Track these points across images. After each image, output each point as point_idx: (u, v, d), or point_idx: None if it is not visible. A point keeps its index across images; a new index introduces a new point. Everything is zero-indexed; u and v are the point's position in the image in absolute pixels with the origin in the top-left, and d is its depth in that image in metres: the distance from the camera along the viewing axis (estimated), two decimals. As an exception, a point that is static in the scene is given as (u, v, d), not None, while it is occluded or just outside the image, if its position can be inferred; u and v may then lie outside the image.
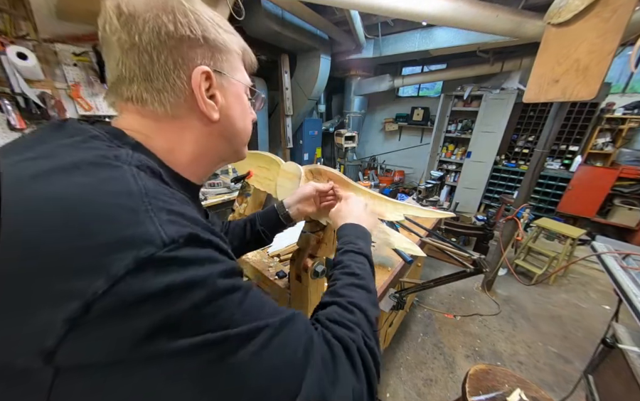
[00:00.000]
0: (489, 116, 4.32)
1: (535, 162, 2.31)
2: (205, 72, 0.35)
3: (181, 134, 0.37)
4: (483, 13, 2.41)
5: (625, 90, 3.85)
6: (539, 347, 2.13)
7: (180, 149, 0.37)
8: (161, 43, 0.32)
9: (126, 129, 0.34)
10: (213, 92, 0.37)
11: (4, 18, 1.78)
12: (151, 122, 0.35)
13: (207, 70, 0.35)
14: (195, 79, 0.34)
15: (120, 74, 0.33)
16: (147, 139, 0.35)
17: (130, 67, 0.33)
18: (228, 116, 0.40)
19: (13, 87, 1.75)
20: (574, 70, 1.68)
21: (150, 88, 0.33)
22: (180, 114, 0.36)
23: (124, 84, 0.34)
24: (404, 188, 5.64)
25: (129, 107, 0.35)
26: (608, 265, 1.27)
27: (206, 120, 0.37)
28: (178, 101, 0.35)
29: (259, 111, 0.52)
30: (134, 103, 0.34)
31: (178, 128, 0.36)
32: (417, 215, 0.78)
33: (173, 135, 0.36)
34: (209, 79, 0.36)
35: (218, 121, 0.38)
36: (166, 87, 0.34)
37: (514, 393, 0.99)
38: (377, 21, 3.82)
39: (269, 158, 1.02)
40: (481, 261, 1.13)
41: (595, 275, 3.10)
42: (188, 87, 0.34)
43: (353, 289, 0.45)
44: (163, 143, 0.36)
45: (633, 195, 3.64)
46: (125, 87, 0.34)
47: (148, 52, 0.32)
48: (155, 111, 0.35)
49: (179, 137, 0.37)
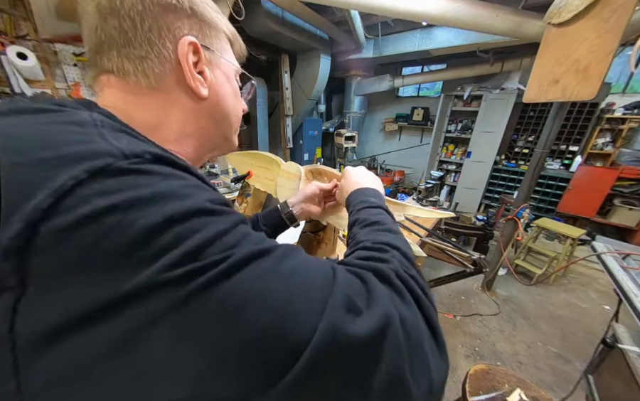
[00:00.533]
0: (489, 116, 4.32)
1: (535, 162, 2.31)
2: (193, 44, 0.33)
3: (168, 108, 0.34)
4: (483, 13, 2.41)
5: (625, 90, 3.85)
6: (539, 347, 2.13)
7: (167, 126, 0.34)
8: (145, 9, 0.30)
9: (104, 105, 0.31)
10: (202, 67, 0.35)
11: (4, 18, 1.78)
12: (134, 97, 0.32)
13: (194, 41, 0.33)
14: (181, 49, 0.32)
15: (98, 40, 0.30)
16: (127, 116, 0.30)
17: (109, 33, 0.30)
18: (218, 94, 0.38)
19: (13, 87, 1.75)
20: (574, 70, 1.68)
21: (132, 55, 0.31)
22: (165, 86, 0.33)
23: (103, 52, 0.31)
24: (404, 188, 5.64)
25: (110, 81, 0.32)
26: (608, 265, 1.27)
27: (194, 96, 0.35)
28: (163, 71, 0.32)
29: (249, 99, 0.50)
30: (116, 75, 0.31)
31: (164, 102, 0.34)
32: (417, 215, 0.78)
33: (158, 110, 0.33)
34: (197, 53, 0.34)
35: (207, 99, 0.36)
36: (150, 54, 0.31)
37: (514, 393, 0.99)
38: (377, 21, 3.82)
39: (269, 158, 1.02)
40: (481, 261, 1.13)
41: (595, 275, 3.10)
42: (174, 56, 0.32)
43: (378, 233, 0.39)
44: (147, 118, 0.33)
45: (633, 195, 3.64)
46: (104, 56, 0.31)
47: (130, 18, 0.30)
48: (138, 84, 0.32)
49: (165, 112, 0.34)
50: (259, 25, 3.21)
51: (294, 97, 4.47)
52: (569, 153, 4.13)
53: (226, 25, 0.39)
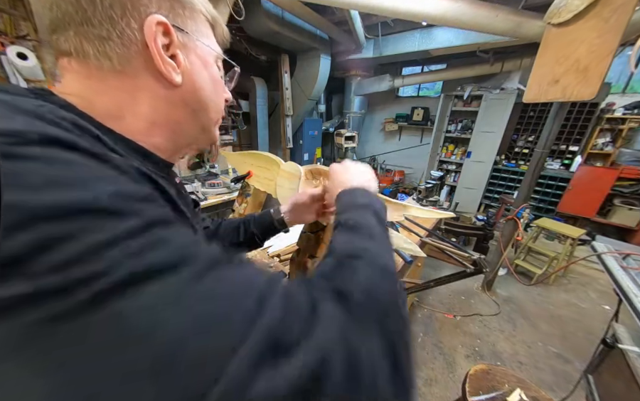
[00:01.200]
0: (489, 116, 4.32)
1: (535, 162, 2.31)
2: (162, 24, 0.29)
3: (134, 94, 0.30)
4: (483, 13, 2.41)
5: (625, 90, 3.85)
6: (539, 347, 2.13)
7: (133, 113, 0.31)
8: None
9: (64, 94, 0.28)
10: (174, 51, 0.31)
11: (4, 18, 1.78)
12: (96, 82, 0.29)
13: (163, 20, 0.29)
14: (148, 28, 0.28)
15: (54, 17, 0.27)
16: (88, 103, 0.28)
17: (65, 10, 0.27)
18: (193, 82, 0.34)
19: (13, 87, 1.75)
20: (574, 70, 1.68)
21: (91, 35, 0.27)
22: (132, 70, 0.30)
23: (59, 32, 0.28)
24: (404, 188, 5.64)
25: (70, 65, 0.29)
26: (608, 265, 1.27)
27: (165, 82, 0.31)
28: (128, 53, 0.29)
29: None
30: (76, 58, 0.28)
31: (130, 87, 0.30)
32: (417, 215, 0.78)
33: (123, 95, 0.30)
34: (168, 35, 0.30)
35: (181, 86, 0.32)
36: (112, 35, 0.28)
37: (514, 393, 0.99)
38: (377, 21, 3.82)
39: (268, 158, 1.02)
40: (481, 261, 1.13)
41: (595, 275, 3.10)
42: (140, 37, 0.29)
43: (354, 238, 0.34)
44: (109, 105, 0.30)
45: (633, 195, 3.64)
46: (61, 37, 0.28)
47: None
48: (100, 67, 0.28)
49: (131, 98, 0.30)
50: (259, 25, 3.21)
51: (294, 97, 4.47)
52: (569, 153, 4.13)
53: (204, 5, 0.36)
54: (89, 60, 0.28)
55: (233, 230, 0.72)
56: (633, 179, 3.60)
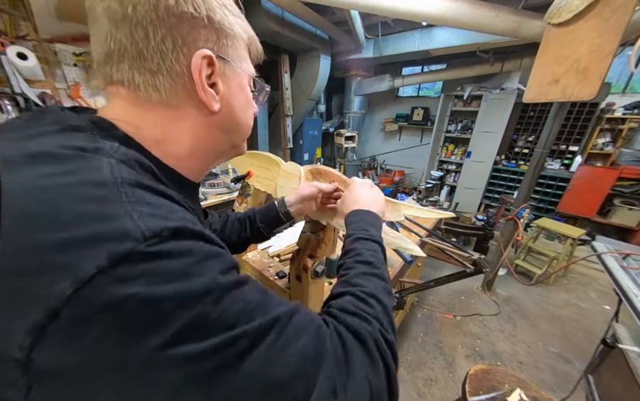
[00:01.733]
0: (489, 116, 4.32)
1: (535, 162, 2.31)
2: (208, 57, 0.31)
3: (177, 124, 0.33)
4: (483, 13, 2.41)
5: (625, 90, 3.85)
6: (539, 347, 2.13)
7: (176, 141, 0.33)
8: (159, 19, 0.28)
9: (114, 120, 0.30)
10: (215, 79, 0.33)
11: (4, 18, 1.78)
12: (144, 112, 0.31)
13: (209, 54, 0.31)
14: (195, 63, 0.30)
15: (109, 50, 0.29)
16: (138, 131, 0.31)
17: (120, 42, 0.28)
18: (230, 106, 0.36)
19: (14, 87, 1.75)
20: (574, 70, 1.68)
21: (143, 69, 0.29)
22: (176, 101, 0.32)
23: (113, 63, 0.29)
24: (404, 188, 5.64)
25: (119, 92, 0.31)
26: (608, 265, 1.27)
27: (205, 110, 0.33)
28: (175, 87, 0.31)
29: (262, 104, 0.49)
30: (125, 87, 0.30)
31: (173, 117, 0.32)
32: (417, 215, 0.78)
33: (167, 125, 0.32)
34: (211, 66, 0.32)
35: (219, 112, 0.35)
36: (162, 69, 0.30)
37: (514, 393, 0.99)
38: (377, 21, 3.82)
39: (269, 158, 1.02)
40: (481, 261, 1.13)
41: (595, 275, 3.10)
42: (187, 71, 0.31)
43: (368, 277, 0.41)
44: (155, 133, 0.32)
45: (633, 195, 3.64)
46: (114, 67, 0.30)
47: (143, 27, 0.28)
48: (149, 98, 0.31)
49: (175, 128, 0.33)
50: (259, 25, 3.21)
51: (294, 97, 4.47)
52: (569, 153, 4.12)
53: (244, 28, 0.37)
54: (140, 91, 0.30)
55: (239, 225, 0.74)
56: (633, 179, 3.60)
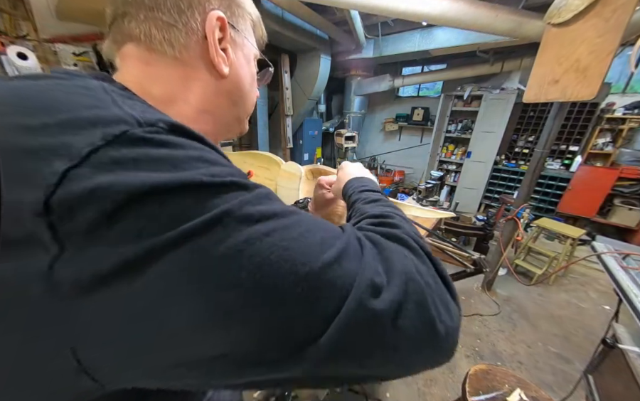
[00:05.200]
0: (489, 116, 4.33)
1: (535, 162, 2.31)
2: (221, 19, 0.32)
3: (187, 83, 0.33)
4: (483, 13, 2.41)
5: (625, 90, 3.85)
6: (539, 347, 2.13)
7: (185, 100, 0.33)
8: None
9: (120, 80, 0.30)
10: (225, 45, 0.34)
11: (4, 18, 1.78)
12: (155, 70, 0.31)
13: (223, 16, 0.32)
14: (210, 22, 0.31)
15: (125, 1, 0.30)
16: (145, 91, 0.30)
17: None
18: (237, 75, 0.37)
19: (13, 87, 1.75)
20: (574, 70, 1.68)
21: (160, 21, 0.30)
22: (189, 59, 0.32)
23: (131, 15, 0.30)
24: (404, 188, 5.64)
25: (134, 51, 0.31)
26: (608, 265, 1.27)
27: (215, 73, 0.34)
28: (189, 43, 0.32)
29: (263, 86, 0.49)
30: (141, 42, 0.31)
31: (184, 75, 0.33)
32: (417, 215, 0.78)
33: (178, 84, 0.33)
34: (223, 30, 0.33)
35: (227, 78, 0.35)
36: (178, 23, 0.31)
37: (514, 393, 0.99)
38: (377, 21, 3.82)
39: (269, 158, 1.02)
40: (481, 261, 1.13)
41: (595, 275, 3.10)
42: (201, 29, 0.32)
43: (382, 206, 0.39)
44: (165, 91, 0.32)
45: (633, 195, 3.64)
46: (133, 20, 0.30)
47: None
48: (163, 53, 0.31)
49: (184, 87, 0.33)
50: (259, 25, 3.21)
51: (294, 97, 4.47)
52: (569, 153, 4.13)
53: (252, 7, 0.39)
54: (155, 45, 0.30)
55: None
56: (633, 179, 3.60)
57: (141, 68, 0.31)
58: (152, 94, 0.31)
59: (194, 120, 0.34)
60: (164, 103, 0.31)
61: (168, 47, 0.31)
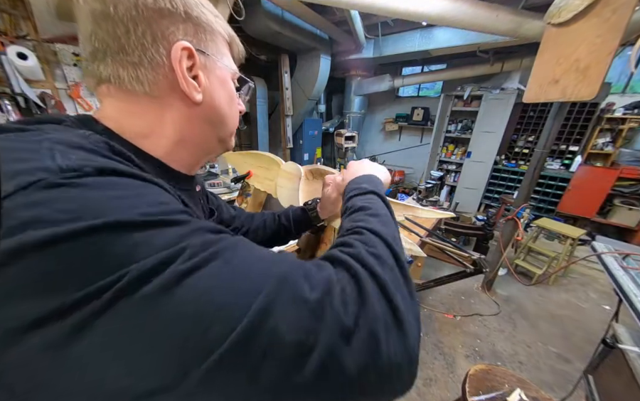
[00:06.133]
0: (489, 116, 4.32)
1: (535, 162, 2.31)
2: (187, 49, 0.33)
3: (161, 115, 0.34)
4: (483, 13, 2.41)
5: (625, 90, 3.85)
6: (539, 347, 2.13)
7: (160, 132, 0.34)
8: (139, 14, 0.30)
9: (100, 117, 0.32)
10: (196, 72, 0.34)
11: (4, 18, 1.78)
12: (129, 106, 0.33)
13: (188, 46, 0.32)
14: (175, 54, 0.32)
15: (93, 48, 0.31)
16: (120, 126, 0.32)
17: (103, 40, 0.30)
18: (213, 99, 0.37)
19: (14, 87, 1.75)
20: (574, 70, 1.68)
21: (125, 62, 0.31)
22: (160, 93, 0.33)
23: (98, 60, 0.31)
24: (404, 188, 5.64)
25: (108, 91, 0.33)
26: (608, 265, 1.27)
27: (188, 101, 0.35)
28: (157, 77, 0.32)
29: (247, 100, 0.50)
30: (112, 84, 0.32)
31: (158, 109, 0.34)
32: (417, 215, 0.78)
33: (152, 117, 0.34)
34: (192, 58, 0.34)
35: (201, 104, 0.36)
36: (143, 61, 0.31)
37: (514, 393, 0.99)
38: (377, 21, 3.82)
39: (269, 158, 1.02)
40: (481, 261, 1.13)
41: (595, 275, 3.10)
42: (167, 62, 0.32)
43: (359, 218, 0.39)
44: (139, 127, 0.33)
45: (633, 196, 3.64)
46: (101, 64, 0.31)
47: (124, 24, 0.30)
48: (134, 91, 0.32)
49: (159, 119, 0.34)
50: (259, 25, 3.21)
51: (294, 97, 4.47)
52: (569, 153, 4.13)
53: (223, 27, 0.39)
54: (124, 85, 0.32)
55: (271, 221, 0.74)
56: (633, 179, 3.60)
57: (117, 106, 0.33)
58: (130, 130, 0.32)
59: (173, 150, 0.36)
60: (142, 137, 0.33)
61: (138, 85, 0.32)
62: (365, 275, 0.27)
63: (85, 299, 0.19)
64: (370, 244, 0.32)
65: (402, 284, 0.29)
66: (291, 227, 0.74)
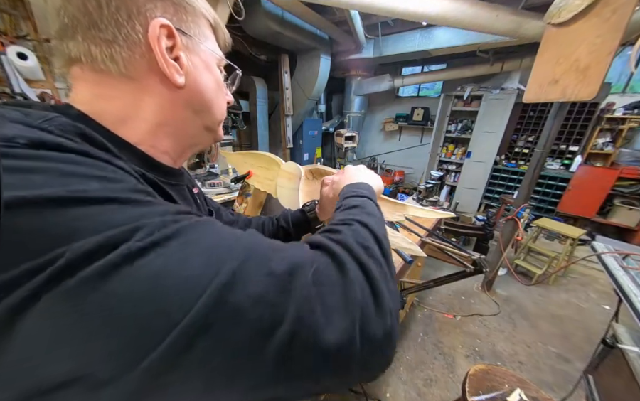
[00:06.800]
0: (489, 116, 4.32)
1: (535, 162, 2.31)
2: (166, 27, 0.30)
3: (139, 97, 0.31)
4: (483, 13, 2.41)
5: (625, 90, 3.85)
6: (539, 347, 2.13)
7: (138, 116, 0.32)
8: None
9: (75, 102, 0.30)
10: (177, 53, 0.32)
11: (4, 18, 1.79)
12: (104, 88, 0.30)
13: (167, 24, 0.30)
14: (152, 31, 0.29)
15: (62, 24, 0.28)
16: (98, 112, 0.29)
17: (73, 15, 0.27)
18: (196, 83, 0.35)
19: (13, 87, 1.75)
20: (574, 70, 1.68)
21: (98, 39, 0.28)
22: (137, 73, 0.30)
23: (68, 38, 0.28)
24: (404, 188, 5.64)
25: (83, 73, 0.30)
26: (608, 265, 1.27)
27: (169, 84, 0.32)
28: (133, 56, 0.29)
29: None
30: (84, 64, 0.29)
31: (135, 91, 0.31)
32: (417, 215, 0.78)
33: (129, 99, 0.31)
34: (172, 38, 0.31)
35: (185, 88, 0.33)
36: (117, 38, 0.28)
37: (514, 393, 0.99)
38: (377, 21, 3.82)
39: (269, 158, 1.02)
40: (481, 261, 1.13)
41: (595, 275, 3.10)
42: (144, 40, 0.29)
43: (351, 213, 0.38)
44: (117, 110, 0.31)
45: (633, 196, 3.64)
46: (69, 42, 0.28)
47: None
48: (108, 71, 0.29)
49: (136, 101, 0.31)
50: (259, 25, 3.21)
51: (294, 97, 4.47)
52: (569, 153, 4.13)
53: (206, 9, 0.36)
54: (97, 64, 0.29)
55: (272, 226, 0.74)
56: (633, 179, 3.60)
57: (90, 89, 0.30)
58: (105, 114, 0.30)
59: (153, 135, 0.33)
60: (119, 122, 0.31)
61: (112, 64, 0.29)
62: (348, 259, 0.27)
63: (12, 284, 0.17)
64: (359, 234, 0.32)
65: (388, 278, 0.29)
66: (290, 229, 0.73)
